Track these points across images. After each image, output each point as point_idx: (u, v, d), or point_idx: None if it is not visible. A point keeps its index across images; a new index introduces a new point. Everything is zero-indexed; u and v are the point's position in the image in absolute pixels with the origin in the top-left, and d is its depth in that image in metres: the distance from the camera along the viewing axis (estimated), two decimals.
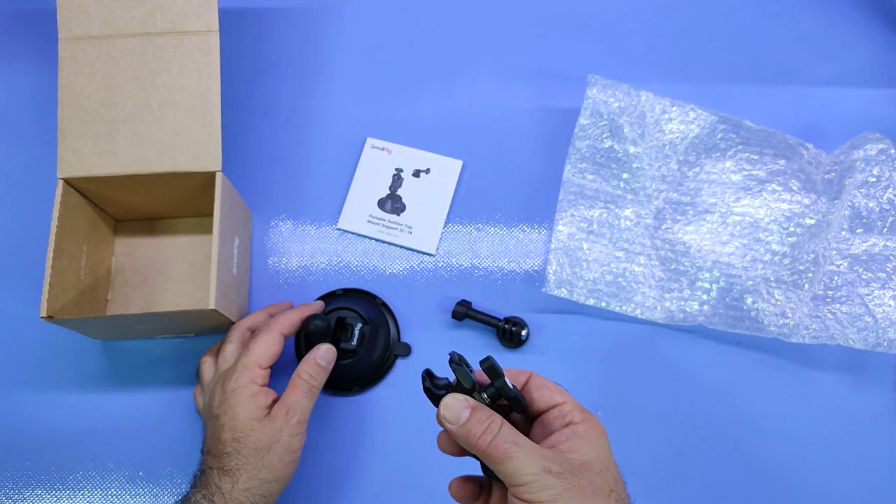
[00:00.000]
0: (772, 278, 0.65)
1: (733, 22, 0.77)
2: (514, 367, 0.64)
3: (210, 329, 0.64)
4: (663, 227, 0.67)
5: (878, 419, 0.63)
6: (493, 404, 0.43)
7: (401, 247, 0.69)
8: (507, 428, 0.40)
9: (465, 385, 0.42)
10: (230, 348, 0.59)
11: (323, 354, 0.57)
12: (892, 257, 0.65)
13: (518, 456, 0.39)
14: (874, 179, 0.66)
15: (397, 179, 0.71)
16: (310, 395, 0.55)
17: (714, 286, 0.65)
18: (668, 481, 0.61)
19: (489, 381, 0.43)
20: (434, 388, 0.43)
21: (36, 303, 0.55)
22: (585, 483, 0.39)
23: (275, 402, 0.55)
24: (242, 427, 0.52)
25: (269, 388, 0.55)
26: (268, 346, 0.56)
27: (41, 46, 0.72)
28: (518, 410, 0.44)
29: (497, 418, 0.40)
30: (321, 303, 0.64)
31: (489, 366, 0.42)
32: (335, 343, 0.61)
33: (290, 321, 0.58)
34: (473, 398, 0.42)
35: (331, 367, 0.57)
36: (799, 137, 0.70)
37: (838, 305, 0.64)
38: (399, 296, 0.67)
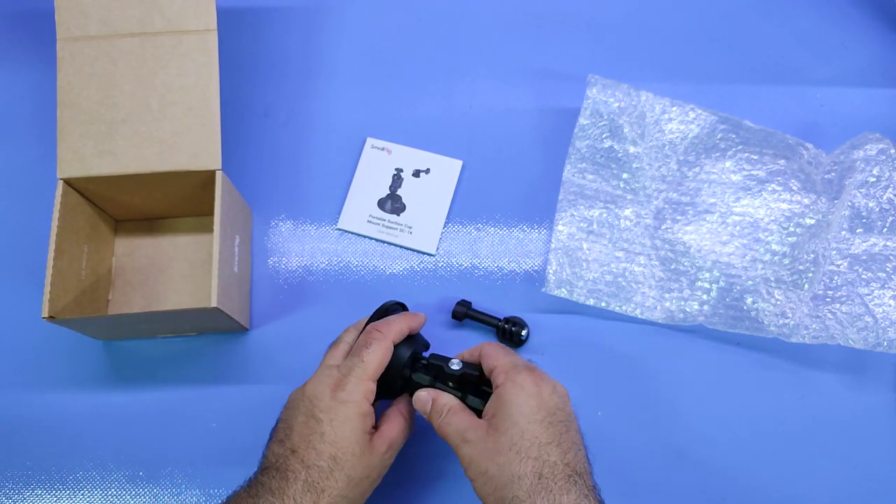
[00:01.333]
0: (772, 278, 0.65)
1: (733, 22, 0.77)
2: None
3: (211, 328, 0.64)
4: (663, 227, 0.67)
5: (878, 419, 0.63)
6: (463, 382, 0.53)
7: (401, 247, 0.69)
8: (453, 410, 0.51)
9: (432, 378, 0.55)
10: (343, 348, 0.54)
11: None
12: (892, 257, 0.65)
13: (450, 431, 0.50)
14: (874, 179, 0.66)
15: (397, 179, 0.71)
16: (407, 433, 0.53)
17: (714, 286, 0.65)
18: (668, 481, 0.61)
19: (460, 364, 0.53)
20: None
21: (37, 303, 0.55)
22: (490, 445, 0.47)
23: (373, 426, 0.52)
24: (345, 447, 0.48)
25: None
26: (383, 358, 0.52)
27: (41, 47, 0.72)
28: (475, 383, 0.53)
29: (448, 405, 0.51)
30: (424, 315, 0.58)
31: (427, 362, 0.55)
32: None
33: (399, 330, 0.54)
34: (437, 387, 0.54)
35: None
36: (799, 137, 0.70)
37: (838, 305, 0.64)
38: (399, 296, 0.67)
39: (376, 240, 0.69)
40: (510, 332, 0.64)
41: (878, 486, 0.62)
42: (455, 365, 0.53)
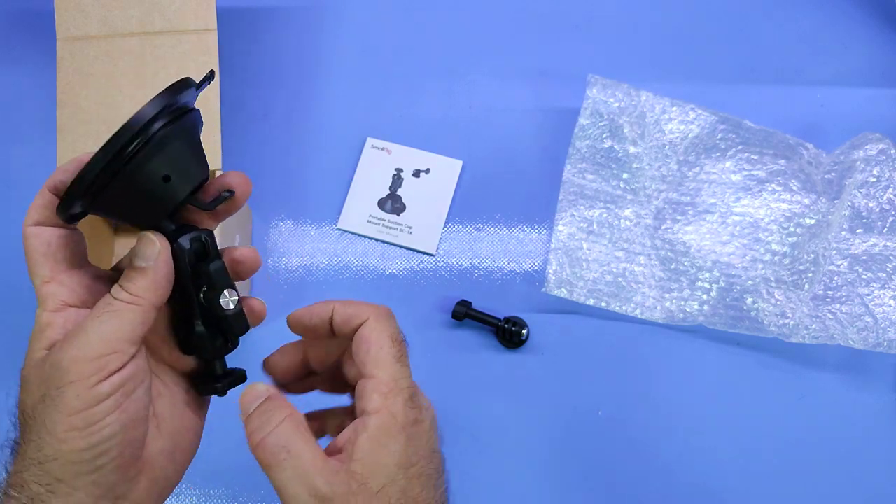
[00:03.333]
0: (772, 278, 0.65)
1: (733, 22, 0.77)
2: (515, 367, 0.65)
3: None
4: (663, 227, 0.67)
5: (878, 419, 0.63)
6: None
7: (401, 247, 0.69)
8: (290, 425, 0.32)
9: None
10: None
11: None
12: (892, 257, 0.65)
13: (285, 467, 0.31)
14: (874, 179, 0.66)
15: (397, 179, 0.71)
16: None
17: (714, 286, 0.65)
18: (669, 481, 0.61)
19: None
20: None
21: (36, 304, 0.55)
22: None
23: None
24: None
25: None
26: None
27: (41, 46, 0.72)
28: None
29: (282, 411, 0.33)
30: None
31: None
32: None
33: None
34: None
35: None
36: (799, 137, 0.70)
37: (838, 305, 0.64)
38: (399, 296, 0.67)
39: (376, 240, 0.69)
40: (510, 332, 0.64)
41: (878, 486, 0.62)
42: (228, 305, 0.34)
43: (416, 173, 0.71)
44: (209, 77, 0.33)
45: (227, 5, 0.74)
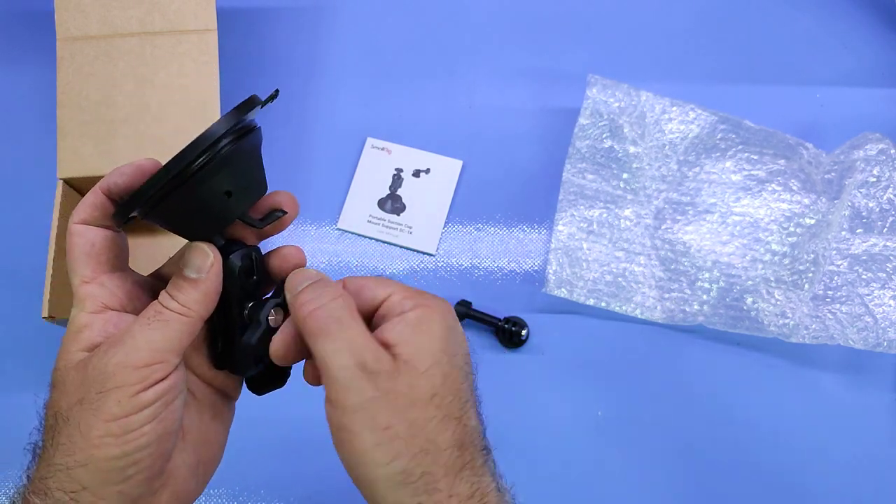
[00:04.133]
0: (772, 278, 0.65)
1: (733, 22, 0.77)
2: (515, 367, 0.65)
3: None
4: (663, 227, 0.67)
5: (878, 419, 0.63)
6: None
7: (401, 247, 0.69)
8: (343, 302, 0.32)
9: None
10: None
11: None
12: (892, 257, 0.65)
13: (336, 337, 0.31)
14: (874, 179, 0.66)
15: (397, 179, 0.71)
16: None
17: (714, 286, 0.65)
18: (668, 481, 0.61)
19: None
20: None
21: (37, 303, 0.55)
22: (402, 388, 0.30)
23: None
24: None
25: None
26: None
27: (41, 46, 0.72)
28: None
29: (335, 289, 0.33)
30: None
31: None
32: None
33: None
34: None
35: None
36: (799, 137, 0.70)
37: (838, 305, 0.64)
38: None
39: (376, 240, 0.69)
40: (510, 332, 0.64)
41: (878, 486, 0.62)
42: (276, 323, 0.34)
43: (416, 173, 0.71)
44: (274, 96, 0.33)
45: (227, 5, 0.74)
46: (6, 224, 0.68)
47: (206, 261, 0.32)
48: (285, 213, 0.34)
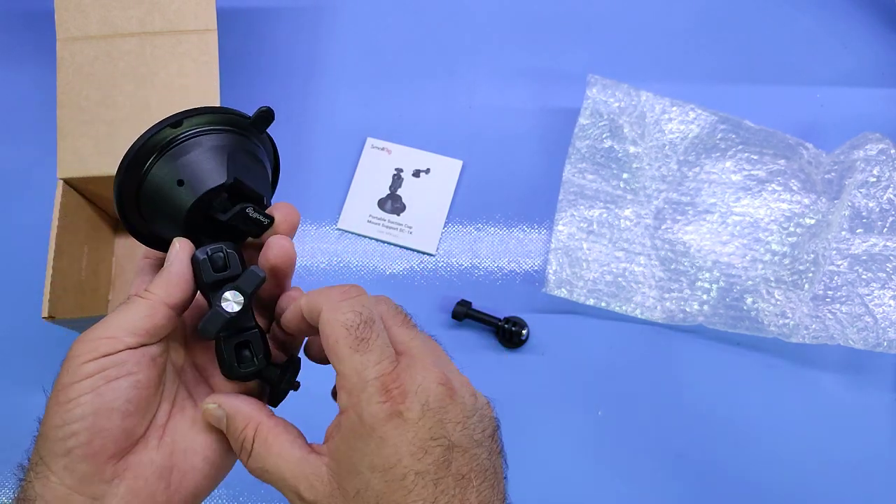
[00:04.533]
0: (772, 278, 0.65)
1: (733, 22, 0.77)
2: (515, 367, 0.65)
3: None
4: (663, 227, 0.67)
5: (878, 419, 0.63)
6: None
7: (401, 247, 0.69)
8: (259, 443, 0.32)
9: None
10: None
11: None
12: (892, 257, 0.65)
13: (272, 481, 0.31)
14: (874, 179, 0.66)
15: (397, 179, 0.71)
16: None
17: (714, 286, 0.65)
18: (669, 481, 0.61)
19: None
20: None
21: (37, 303, 0.55)
22: None
23: None
24: None
25: None
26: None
27: (41, 46, 0.72)
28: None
29: (247, 429, 0.32)
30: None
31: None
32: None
33: None
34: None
35: None
36: (799, 137, 0.70)
37: (838, 305, 0.64)
38: (399, 296, 0.66)
39: (376, 240, 0.69)
40: (510, 332, 0.64)
41: (878, 486, 0.62)
42: (231, 307, 0.32)
43: (416, 173, 0.71)
44: (269, 117, 0.36)
45: (227, 5, 0.74)
46: (6, 224, 0.68)
47: (172, 249, 0.33)
48: (271, 220, 0.34)
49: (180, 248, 0.33)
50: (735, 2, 0.78)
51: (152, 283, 0.33)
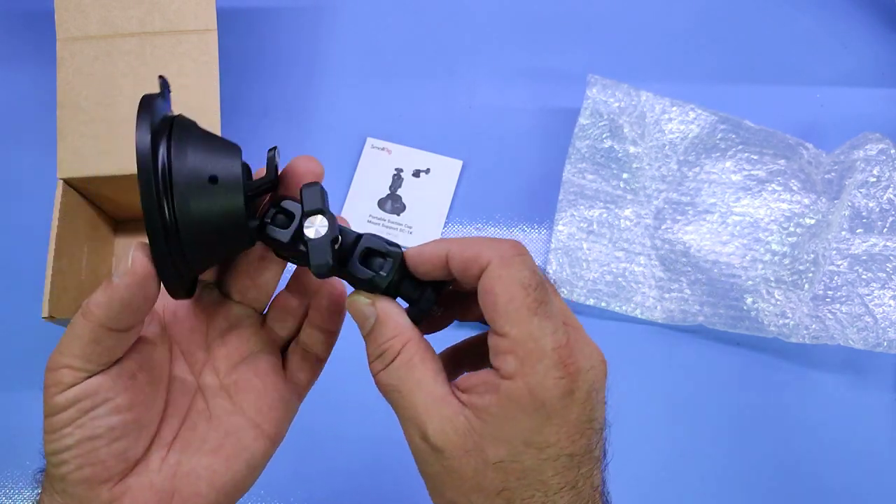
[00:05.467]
0: (772, 278, 0.65)
1: (733, 22, 0.77)
2: None
3: None
4: (663, 227, 0.67)
5: (878, 419, 0.63)
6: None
7: None
8: (403, 360, 0.29)
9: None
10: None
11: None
12: (892, 257, 0.65)
13: (397, 406, 0.29)
14: (874, 179, 0.66)
15: (397, 179, 0.71)
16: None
17: (714, 286, 0.65)
18: (668, 481, 0.61)
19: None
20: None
21: (37, 303, 0.55)
22: (468, 471, 0.27)
23: None
24: None
25: None
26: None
27: (41, 46, 0.72)
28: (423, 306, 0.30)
29: (396, 340, 0.29)
30: None
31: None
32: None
33: None
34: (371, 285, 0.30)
35: None
36: (799, 137, 0.70)
37: (838, 305, 0.64)
38: None
39: None
40: None
41: (878, 486, 0.62)
42: (320, 231, 0.29)
43: (416, 173, 0.71)
44: (163, 84, 0.29)
45: (227, 5, 0.73)
46: (6, 224, 0.68)
47: (125, 265, 0.28)
48: (275, 147, 0.31)
49: (132, 268, 0.28)
50: (735, 2, 0.78)
51: (93, 295, 0.28)
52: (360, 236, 0.30)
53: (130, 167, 0.58)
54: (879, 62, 0.76)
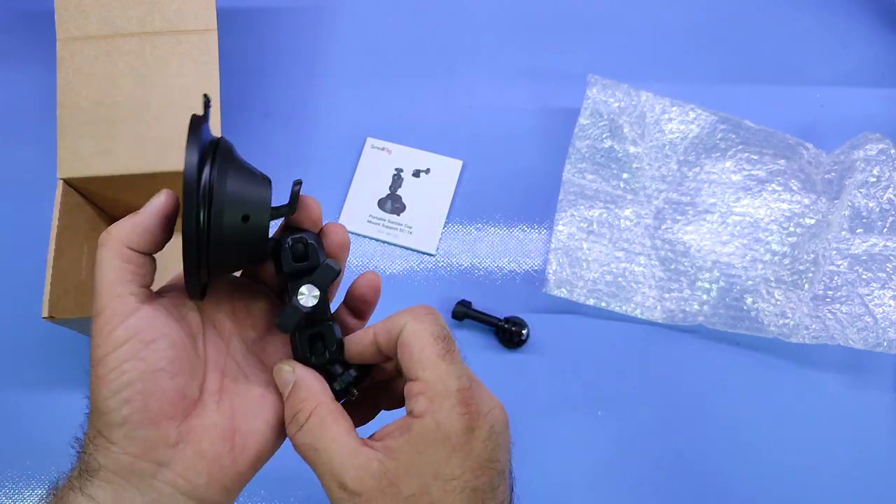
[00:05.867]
0: (772, 278, 0.65)
1: (733, 22, 0.77)
2: (515, 367, 0.65)
3: None
4: (663, 227, 0.67)
5: (878, 419, 0.63)
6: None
7: (401, 247, 0.69)
8: (316, 420, 0.31)
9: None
10: None
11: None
12: (892, 257, 0.65)
13: (315, 463, 0.31)
14: (874, 179, 0.66)
15: (397, 179, 0.71)
16: None
17: (714, 286, 0.65)
18: (668, 481, 0.61)
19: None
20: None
21: (37, 303, 0.55)
22: None
23: None
24: None
25: None
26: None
27: (41, 46, 0.72)
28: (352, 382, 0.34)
29: (309, 402, 0.32)
30: None
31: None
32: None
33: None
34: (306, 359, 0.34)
35: None
36: (799, 137, 0.70)
37: (838, 305, 0.64)
38: (399, 296, 0.67)
39: (376, 240, 0.69)
40: (510, 332, 0.64)
41: (878, 486, 0.62)
42: (307, 301, 0.33)
43: (416, 173, 0.71)
44: (207, 103, 0.33)
45: (227, 5, 0.74)
46: (6, 224, 0.68)
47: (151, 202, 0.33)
48: (300, 181, 0.35)
49: (159, 196, 0.33)
50: (735, 2, 0.78)
51: (113, 227, 0.32)
52: (325, 322, 0.34)
53: (130, 167, 0.58)
54: (879, 62, 0.76)
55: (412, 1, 0.77)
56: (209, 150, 0.32)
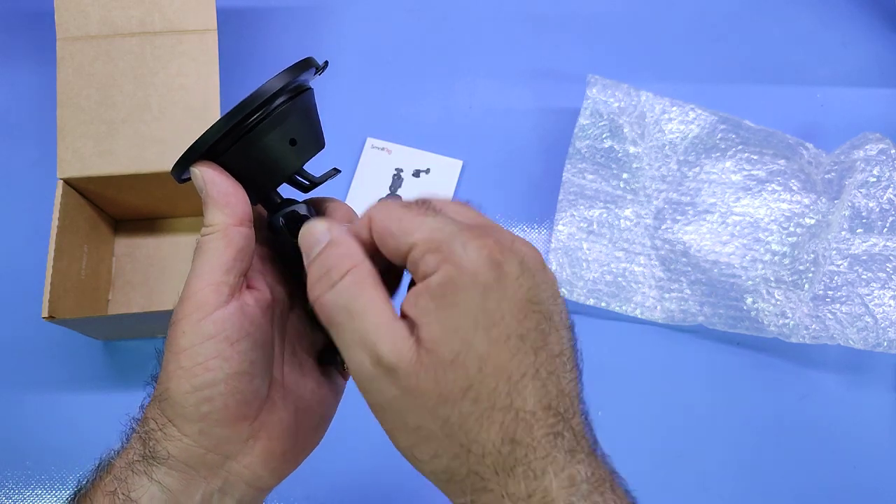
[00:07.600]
0: (772, 278, 0.65)
1: (733, 22, 0.77)
2: None
3: None
4: (663, 227, 0.67)
5: (878, 419, 0.63)
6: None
7: None
8: (353, 279, 0.27)
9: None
10: None
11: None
12: (892, 257, 0.65)
13: (345, 329, 0.27)
14: (874, 179, 0.66)
15: (397, 179, 0.71)
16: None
17: (714, 286, 0.65)
18: (668, 481, 0.61)
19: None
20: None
21: (37, 303, 0.55)
22: (427, 384, 0.25)
23: None
24: None
25: None
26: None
27: (41, 46, 0.72)
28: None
29: (345, 260, 0.28)
30: None
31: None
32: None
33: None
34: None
35: None
36: (799, 137, 0.70)
37: (838, 305, 0.64)
38: (398, 296, 0.67)
39: None
40: None
41: (878, 486, 0.62)
42: (301, 209, 0.34)
43: (416, 173, 0.71)
44: (324, 66, 0.35)
45: (227, 5, 0.74)
46: (6, 224, 0.68)
47: (197, 177, 0.32)
48: (339, 171, 0.35)
49: (206, 167, 0.32)
50: (735, 2, 0.78)
51: (206, 217, 0.31)
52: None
53: (130, 167, 0.58)
54: (879, 62, 0.76)
55: (412, 1, 0.77)
56: (298, 89, 0.35)
